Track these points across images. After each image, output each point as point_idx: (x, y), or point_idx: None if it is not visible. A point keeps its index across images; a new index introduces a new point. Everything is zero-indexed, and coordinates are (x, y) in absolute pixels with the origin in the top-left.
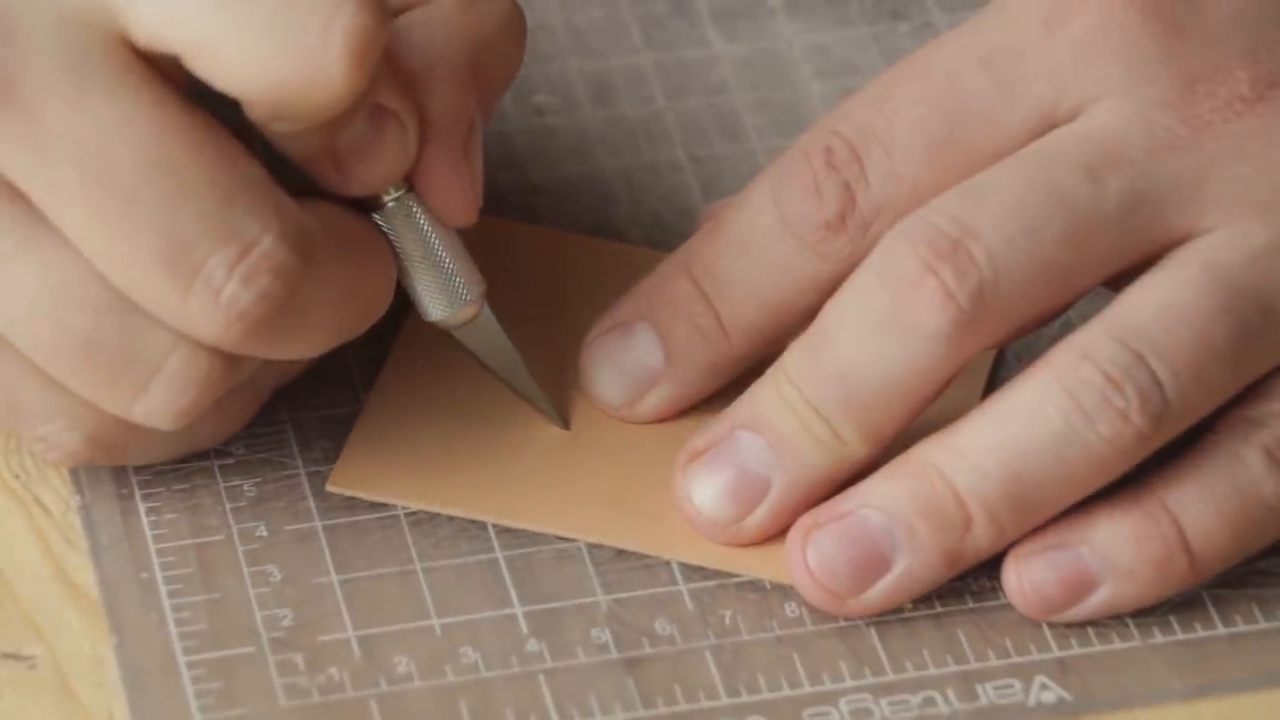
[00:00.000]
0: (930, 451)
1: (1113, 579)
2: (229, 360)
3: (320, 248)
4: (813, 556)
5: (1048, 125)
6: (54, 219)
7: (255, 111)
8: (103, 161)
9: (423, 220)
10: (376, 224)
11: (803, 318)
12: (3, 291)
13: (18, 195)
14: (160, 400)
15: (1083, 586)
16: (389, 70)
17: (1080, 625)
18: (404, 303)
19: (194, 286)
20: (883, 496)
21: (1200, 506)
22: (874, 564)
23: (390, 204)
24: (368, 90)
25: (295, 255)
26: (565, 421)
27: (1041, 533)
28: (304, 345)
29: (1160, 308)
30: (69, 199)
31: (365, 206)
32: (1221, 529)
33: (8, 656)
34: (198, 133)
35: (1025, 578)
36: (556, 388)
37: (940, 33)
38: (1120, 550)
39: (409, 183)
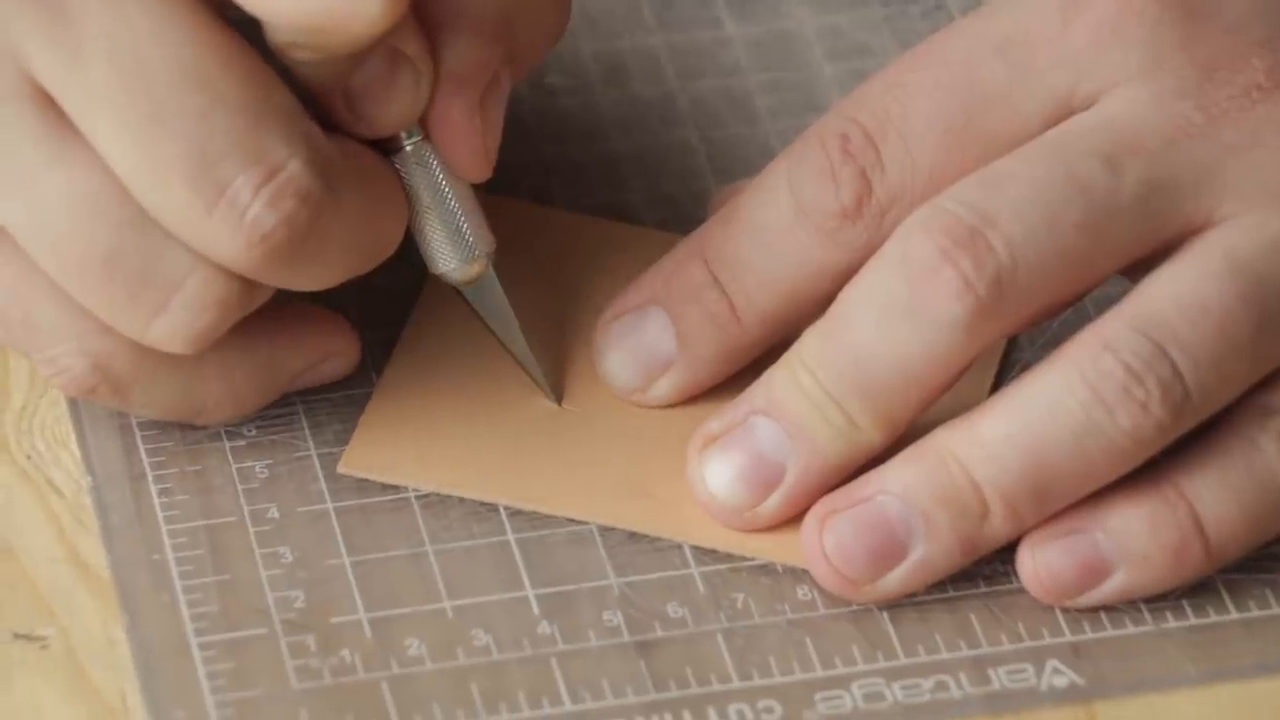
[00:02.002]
0: (948, 439)
1: (1128, 565)
2: (246, 286)
3: (342, 178)
4: (830, 542)
5: (1064, 113)
6: (84, 127)
7: (279, 36)
8: (137, 67)
9: (437, 170)
10: (393, 167)
11: (816, 305)
12: (28, 201)
13: (50, 104)
14: (176, 322)
15: (1097, 572)
16: (411, 15)
17: (1093, 610)
18: (417, 284)
19: (218, 205)
20: (901, 483)
21: (1216, 493)
22: (891, 551)
23: (407, 148)
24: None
25: (320, 182)
26: (558, 397)
27: (1057, 518)
28: (318, 275)
29: (1181, 299)
30: (100, 104)
31: (383, 149)
32: (1237, 515)
33: (20, 637)
34: (233, 52)
35: (1040, 562)
36: (565, 368)
37: (953, 15)
38: (1136, 536)
39: (426, 130)
